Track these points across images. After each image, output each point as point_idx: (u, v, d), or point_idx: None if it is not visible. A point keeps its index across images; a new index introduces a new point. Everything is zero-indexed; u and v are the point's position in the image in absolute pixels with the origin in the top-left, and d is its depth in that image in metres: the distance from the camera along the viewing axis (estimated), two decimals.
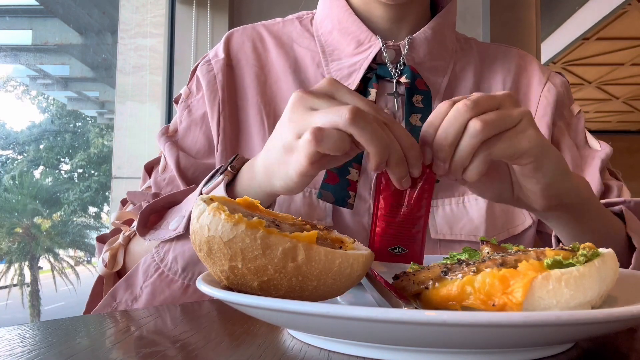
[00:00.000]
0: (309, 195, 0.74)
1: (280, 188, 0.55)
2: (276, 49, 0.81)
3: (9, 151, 3.93)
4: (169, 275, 0.66)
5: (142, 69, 2.25)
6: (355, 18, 0.76)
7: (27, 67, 3.83)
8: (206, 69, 0.79)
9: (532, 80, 0.83)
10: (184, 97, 0.80)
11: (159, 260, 0.67)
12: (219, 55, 0.81)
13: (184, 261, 0.65)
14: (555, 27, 4.68)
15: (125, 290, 0.68)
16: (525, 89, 0.82)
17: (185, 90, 0.81)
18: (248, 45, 0.82)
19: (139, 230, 0.68)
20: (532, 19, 2.42)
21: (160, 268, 0.66)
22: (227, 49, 0.81)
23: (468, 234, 0.75)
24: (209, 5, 2.08)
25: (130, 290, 0.68)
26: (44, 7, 3.56)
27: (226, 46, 0.81)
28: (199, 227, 0.38)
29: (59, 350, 0.39)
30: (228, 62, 0.80)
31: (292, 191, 0.55)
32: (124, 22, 2.32)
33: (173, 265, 0.66)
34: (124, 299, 0.68)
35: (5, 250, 4.02)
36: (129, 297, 0.68)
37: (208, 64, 0.80)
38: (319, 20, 0.82)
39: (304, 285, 0.38)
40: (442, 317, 0.29)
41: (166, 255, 0.66)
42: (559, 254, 0.37)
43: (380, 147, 0.47)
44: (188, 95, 0.80)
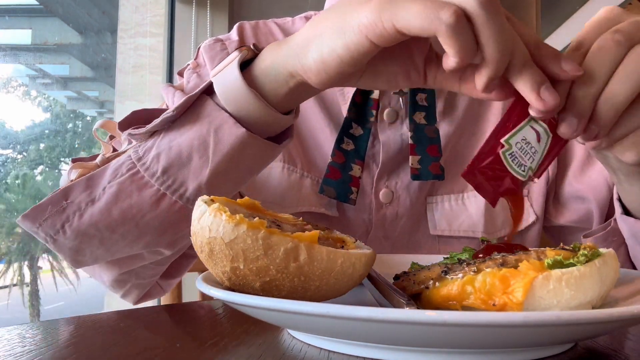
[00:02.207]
0: (317, 184, 0.74)
1: (313, 62, 0.44)
2: None
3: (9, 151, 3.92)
4: (144, 176, 0.54)
5: (142, 68, 2.25)
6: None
7: (27, 66, 3.83)
8: (219, 47, 0.77)
9: None
10: (192, 67, 0.77)
11: (135, 159, 0.54)
12: (232, 38, 0.79)
13: (168, 160, 0.53)
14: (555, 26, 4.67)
15: (83, 189, 0.55)
16: None
17: (193, 62, 0.78)
18: (261, 38, 0.81)
19: (120, 126, 0.57)
20: (533, 19, 2.42)
21: (136, 167, 0.54)
22: (240, 35, 0.80)
23: (467, 230, 0.75)
24: (209, 4, 2.08)
25: (89, 191, 0.55)
26: (44, 6, 3.55)
27: (240, 33, 0.80)
28: (200, 228, 0.38)
29: (59, 350, 0.39)
30: (241, 44, 0.79)
31: (322, 71, 0.44)
32: (123, 22, 2.31)
33: (153, 164, 0.53)
34: (77, 200, 0.55)
35: (5, 250, 4.02)
36: (86, 198, 0.55)
37: (221, 43, 0.77)
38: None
39: (306, 286, 0.38)
40: (442, 317, 0.29)
41: (147, 153, 0.54)
42: (560, 254, 0.37)
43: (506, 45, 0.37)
44: (196, 67, 0.77)
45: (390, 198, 0.75)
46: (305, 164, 0.76)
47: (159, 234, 0.57)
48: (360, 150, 0.74)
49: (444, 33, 0.36)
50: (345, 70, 0.44)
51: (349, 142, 0.74)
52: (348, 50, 0.42)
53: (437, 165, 0.73)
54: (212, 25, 2.08)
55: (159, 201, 0.54)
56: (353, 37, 0.41)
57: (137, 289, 0.69)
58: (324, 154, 0.76)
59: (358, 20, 0.40)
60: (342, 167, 0.73)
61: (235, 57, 0.51)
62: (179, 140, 0.53)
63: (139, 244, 0.58)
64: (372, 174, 0.75)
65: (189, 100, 0.53)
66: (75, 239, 0.56)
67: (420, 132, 0.74)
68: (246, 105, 0.50)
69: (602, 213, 0.74)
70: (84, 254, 0.58)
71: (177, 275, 0.74)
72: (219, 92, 0.52)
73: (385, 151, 0.75)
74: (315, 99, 0.78)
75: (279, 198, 0.74)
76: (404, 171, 0.76)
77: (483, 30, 0.36)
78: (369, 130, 0.74)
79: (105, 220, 0.55)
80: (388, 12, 0.38)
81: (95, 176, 0.56)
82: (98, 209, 0.54)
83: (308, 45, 0.45)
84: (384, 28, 0.39)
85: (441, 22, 0.36)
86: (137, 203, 0.54)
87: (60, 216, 0.55)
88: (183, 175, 0.53)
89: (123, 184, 0.54)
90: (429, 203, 0.77)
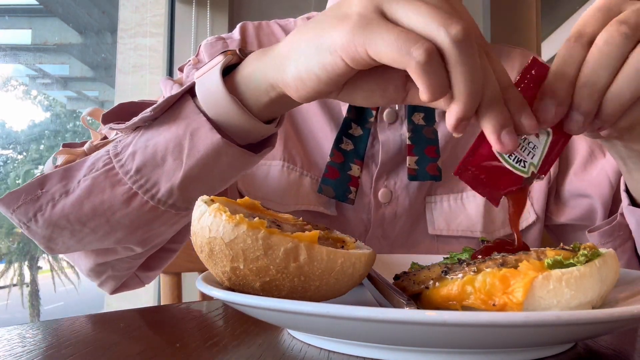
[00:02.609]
0: (316, 183, 0.75)
1: (291, 79, 0.43)
2: None
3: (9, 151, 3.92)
4: (118, 173, 0.53)
5: (142, 68, 2.24)
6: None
7: (27, 66, 3.83)
8: (221, 45, 0.77)
9: None
10: (192, 63, 0.77)
11: (113, 155, 0.54)
12: (234, 37, 0.80)
13: (143, 159, 0.52)
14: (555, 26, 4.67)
15: (59, 180, 0.55)
16: None
17: (194, 58, 0.78)
18: (262, 38, 0.82)
19: (104, 118, 0.57)
20: (533, 18, 2.42)
21: (112, 163, 0.54)
22: (242, 35, 0.80)
23: (465, 230, 0.75)
24: (209, 4, 2.08)
25: (65, 182, 0.55)
26: (44, 6, 3.55)
27: (242, 32, 0.81)
28: (200, 229, 0.38)
29: (58, 350, 0.39)
30: (243, 44, 0.79)
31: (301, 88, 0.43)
32: (123, 22, 2.31)
33: (128, 162, 0.53)
34: (52, 190, 0.55)
35: (5, 250, 4.02)
36: (60, 189, 0.55)
37: (223, 42, 0.78)
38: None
39: (306, 286, 0.38)
40: (442, 317, 0.29)
41: (124, 150, 0.54)
42: (560, 254, 0.37)
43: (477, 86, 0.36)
44: (196, 63, 0.77)
45: (389, 198, 0.75)
46: (305, 163, 0.76)
47: (129, 232, 0.57)
48: (359, 150, 0.74)
49: (414, 70, 0.35)
50: (323, 89, 0.43)
51: (348, 142, 0.74)
52: (325, 71, 0.41)
53: (434, 166, 0.73)
54: (212, 25, 2.08)
55: (130, 199, 0.53)
56: (329, 57, 0.40)
57: (113, 280, 0.69)
58: (323, 154, 0.76)
59: (333, 40, 0.39)
60: (340, 167, 0.73)
61: (219, 61, 0.50)
62: (155, 140, 0.52)
63: (109, 239, 0.58)
64: (371, 173, 0.76)
65: (169, 101, 0.52)
66: (47, 229, 0.56)
67: (419, 133, 0.74)
68: (225, 111, 0.50)
69: (605, 210, 0.73)
70: (56, 242, 0.58)
71: (156, 268, 0.73)
72: (199, 95, 0.51)
73: (384, 151, 0.75)
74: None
75: (278, 196, 0.74)
76: (403, 171, 0.76)
77: (454, 69, 0.35)
78: (368, 131, 0.74)
79: (76, 214, 0.55)
80: (362, 37, 0.37)
81: (72, 168, 0.55)
82: (70, 202, 0.54)
83: (287, 59, 0.44)
84: (357, 52, 0.38)
85: (412, 58, 0.35)
86: (108, 199, 0.54)
87: (34, 205, 0.55)
88: (156, 175, 0.53)
89: (97, 179, 0.54)
90: (427, 203, 0.77)
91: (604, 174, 0.73)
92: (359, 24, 0.37)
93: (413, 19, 0.36)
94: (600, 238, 0.68)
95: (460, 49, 0.35)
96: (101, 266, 0.65)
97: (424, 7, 0.36)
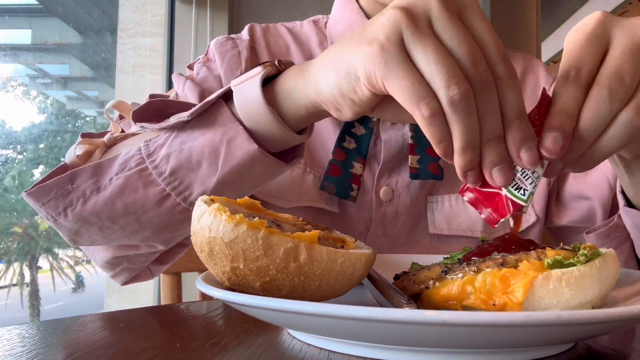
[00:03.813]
0: (319, 180, 0.75)
1: (330, 102, 0.46)
2: (296, 48, 0.82)
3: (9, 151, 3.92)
4: (151, 174, 0.54)
5: (142, 68, 2.25)
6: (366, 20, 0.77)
7: (27, 66, 3.83)
8: (231, 45, 0.78)
9: (540, 81, 0.84)
10: (202, 61, 0.77)
11: (145, 155, 0.55)
12: (243, 37, 0.80)
13: (177, 162, 0.53)
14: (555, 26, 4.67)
15: (90, 177, 0.55)
16: (533, 88, 0.83)
17: (203, 57, 0.79)
18: (270, 40, 0.82)
19: (134, 115, 0.56)
20: (533, 18, 2.42)
21: (145, 163, 0.54)
22: (251, 35, 0.81)
23: (465, 229, 0.76)
24: (209, 4, 2.08)
25: (96, 179, 0.55)
26: (44, 6, 3.55)
27: (251, 33, 0.82)
28: (200, 228, 0.38)
29: (58, 350, 0.39)
30: (252, 44, 0.80)
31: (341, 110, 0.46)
32: (123, 22, 2.31)
33: (162, 163, 0.54)
34: (82, 186, 0.55)
35: (5, 250, 4.02)
36: (91, 186, 0.55)
37: (232, 41, 0.79)
38: (332, 23, 0.83)
39: (306, 285, 0.38)
40: (442, 317, 0.29)
41: (157, 150, 0.54)
42: (560, 254, 0.37)
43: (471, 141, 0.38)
44: (206, 61, 0.77)
45: (391, 196, 0.76)
46: (309, 160, 0.77)
47: (157, 231, 0.58)
48: (362, 148, 0.75)
49: (419, 120, 0.39)
50: (359, 111, 0.45)
51: (350, 140, 0.75)
52: (357, 95, 0.43)
53: (436, 166, 0.74)
54: (212, 25, 2.08)
55: (162, 200, 0.55)
56: (356, 84, 0.43)
57: (127, 272, 0.70)
58: (327, 151, 0.77)
59: (357, 65, 0.41)
60: (342, 165, 0.74)
61: (258, 72, 0.51)
62: (190, 144, 0.53)
63: (136, 237, 0.59)
64: (373, 171, 0.76)
65: (204, 105, 0.53)
66: (76, 223, 0.57)
67: (421, 133, 0.75)
68: (262, 121, 0.51)
69: (605, 211, 0.74)
70: (82, 236, 0.59)
71: (168, 262, 0.75)
72: (237, 104, 0.52)
73: (386, 150, 0.75)
74: None
75: (281, 192, 0.75)
76: (404, 170, 0.76)
77: (451, 125, 0.38)
78: (371, 130, 0.75)
79: (107, 211, 0.56)
80: (380, 70, 0.39)
81: (103, 165, 0.56)
82: (102, 199, 0.55)
83: (321, 82, 0.46)
84: (377, 83, 0.40)
85: (419, 112, 0.38)
86: (141, 199, 0.54)
87: (64, 199, 0.56)
88: (190, 179, 0.54)
89: (130, 178, 0.54)
90: (429, 202, 0.77)
91: (603, 176, 0.74)
92: (381, 56, 0.39)
93: (426, 67, 0.38)
94: (598, 239, 0.69)
95: (454, 110, 0.37)
96: (118, 259, 0.66)
97: (434, 57, 0.38)
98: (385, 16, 0.40)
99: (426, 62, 0.38)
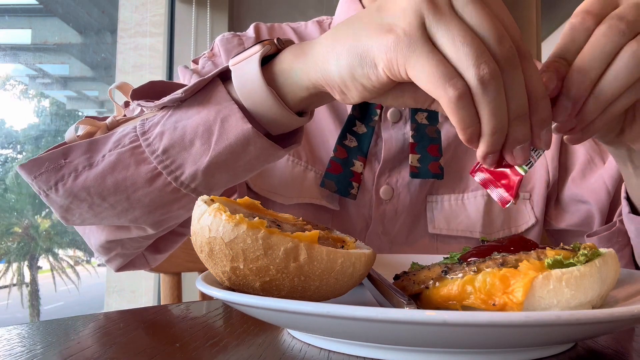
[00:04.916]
0: (320, 177, 0.75)
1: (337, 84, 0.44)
2: None
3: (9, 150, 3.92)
4: (144, 151, 0.53)
5: (142, 68, 2.25)
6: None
7: (27, 66, 3.83)
8: (237, 42, 0.78)
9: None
10: (207, 56, 0.77)
11: (140, 133, 0.54)
12: (249, 35, 0.80)
13: (170, 140, 0.53)
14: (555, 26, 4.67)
15: (83, 152, 0.55)
16: None
17: (209, 52, 0.79)
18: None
19: (133, 94, 0.57)
20: (533, 18, 2.42)
21: (139, 141, 0.54)
22: (257, 34, 0.81)
23: (464, 230, 0.76)
24: (209, 4, 2.07)
25: (89, 154, 0.55)
26: (43, 6, 3.55)
27: (256, 32, 0.82)
28: (200, 228, 0.38)
29: (58, 350, 0.39)
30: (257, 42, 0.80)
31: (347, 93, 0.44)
32: (123, 22, 2.31)
33: (155, 141, 0.53)
34: (75, 162, 0.55)
35: (5, 250, 4.02)
36: (84, 161, 0.55)
37: (238, 38, 0.79)
38: (336, 24, 0.83)
39: (306, 285, 0.38)
40: (442, 317, 0.29)
41: (152, 129, 0.54)
42: (560, 254, 0.37)
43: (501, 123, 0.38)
44: (212, 56, 0.77)
45: (391, 195, 0.76)
46: (310, 157, 0.77)
47: (147, 212, 0.57)
48: (363, 147, 0.75)
49: (446, 104, 0.37)
50: (367, 96, 0.44)
51: (352, 139, 0.75)
52: (370, 81, 0.42)
53: (436, 165, 0.74)
54: (212, 25, 2.08)
55: (153, 179, 0.54)
56: (373, 69, 0.41)
57: (121, 257, 0.70)
58: (328, 149, 0.77)
59: (376, 53, 0.40)
60: (343, 163, 0.74)
61: (257, 50, 0.50)
62: (184, 123, 0.53)
63: (126, 216, 0.58)
64: (373, 170, 0.76)
65: (200, 84, 0.52)
66: (67, 199, 0.56)
67: (422, 132, 0.75)
68: (261, 101, 0.50)
69: (602, 216, 0.75)
70: (73, 213, 0.59)
71: (165, 251, 0.73)
72: (236, 83, 0.51)
73: (387, 148, 0.75)
74: None
75: (282, 189, 0.75)
76: (405, 169, 0.76)
77: (480, 107, 0.37)
78: (372, 129, 0.75)
79: (98, 187, 0.55)
80: (403, 58, 0.38)
81: (98, 141, 0.56)
82: (93, 175, 0.55)
83: (329, 63, 0.44)
84: (397, 70, 0.39)
85: (445, 93, 0.37)
86: (132, 176, 0.54)
87: (56, 174, 0.55)
88: (182, 158, 0.53)
89: (123, 155, 0.54)
90: (429, 202, 0.77)
91: (602, 181, 0.74)
92: (403, 42, 0.38)
93: (451, 49, 0.37)
94: (599, 243, 0.69)
95: (485, 89, 0.36)
96: (111, 243, 0.66)
97: (460, 38, 0.37)
98: (406, 1, 0.38)
99: (452, 44, 0.37)
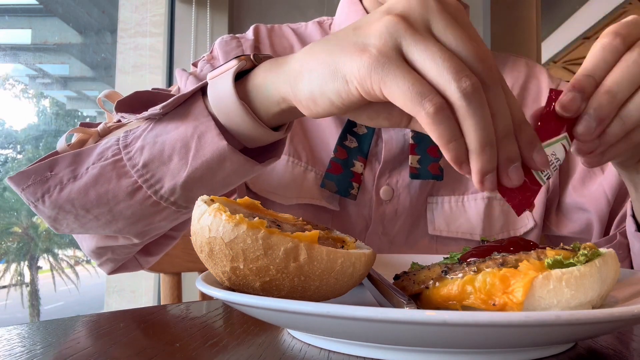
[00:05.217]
0: (320, 178, 0.76)
1: (304, 98, 0.44)
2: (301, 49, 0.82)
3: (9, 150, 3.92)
4: (125, 165, 0.54)
5: (142, 68, 2.25)
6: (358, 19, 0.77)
7: (27, 66, 3.83)
8: (235, 44, 0.78)
9: (542, 86, 0.84)
10: (206, 59, 0.78)
11: (122, 146, 0.55)
12: (247, 37, 0.81)
13: (150, 155, 0.54)
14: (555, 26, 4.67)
15: (68, 165, 0.56)
16: (535, 94, 0.83)
17: (208, 55, 0.79)
18: (275, 40, 0.83)
19: (118, 105, 0.57)
20: (533, 18, 2.42)
21: (121, 154, 0.55)
22: (256, 35, 0.82)
23: (464, 232, 0.76)
24: (209, 4, 2.07)
25: (74, 167, 0.56)
26: (43, 6, 3.55)
27: (256, 33, 0.82)
28: (200, 228, 0.38)
29: (58, 350, 0.39)
30: (256, 44, 0.81)
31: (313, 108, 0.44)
32: (123, 21, 2.31)
33: (136, 155, 0.54)
34: (60, 174, 0.56)
35: (5, 250, 4.02)
36: (69, 174, 0.56)
37: (237, 40, 0.79)
38: (337, 24, 0.84)
39: (306, 285, 0.38)
40: (442, 317, 0.29)
41: (133, 142, 0.55)
42: (560, 254, 0.37)
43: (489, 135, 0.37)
44: (210, 59, 0.78)
45: (391, 195, 0.76)
46: (310, 158, 0.77)
47: (130, 223, 0.58)
48: (363, 147, 0.75)
49: (424, 120, 0.36)
50: (334, 112, 0.43)
51: (352, 139, 0.75)
52: (339, 97, 0.41)
53: (436, 166, 0.74)
54: (212, 25, 2.08)
55: (134, 192, 0.55)
56: (345, 86, 0.40)
57: (112, 262, 0.72)
58: (328, 150, 0.77)
59: (350, 70, 0.39)
60: (343, 163, 0.74)
61: (232, 66, 0.50)
62: (164, 138, 0.53)
63: (110, 227, 0.59)
64: (374, 171, 0.77)
65: (179, 99, 0.53)
66: (53, 210, 0.58)
67: (422, 133, 0.75)
68: (234, 116, 0.50)
69: (602, 226, 0.75)
70: (61, 224, 0.60)
71: (156, 254, 0.75)
72: (211, 98, 0.52)
73: (387, 149, 0.75)
74: None
75: (282, 189, 0.75)
76: (405, 170, 0.76)
77: (464, 121, 0.36)
78: (372, 130, 0.75)
79: (81, 200, 0.56)
80: (378, 76, 0.37)
81: (82, 153, 0.57)
82: (77, 187, 0.56)
83: (300, 77, 0.44)
84: (372, 88, 0.38)
85: (422, 109, 0.36)
86: (113, 190, 0.55)
87: (42, 186, 0.57)
88: (161, 172, 0.54)
89: (105, 168, 0.55)
90: (429, 203, 0.77)
91: (602, 191, 0.74)
92: (378, 61, 0.37)
93: (428, 66, 0.36)
94: None
95: (469, 102, 0.35)
96: (101, 249, 0.68)
97: (439, 55, 0.36)
98: (382, 22, 0.38)
99: (431, 60, 0.36)
